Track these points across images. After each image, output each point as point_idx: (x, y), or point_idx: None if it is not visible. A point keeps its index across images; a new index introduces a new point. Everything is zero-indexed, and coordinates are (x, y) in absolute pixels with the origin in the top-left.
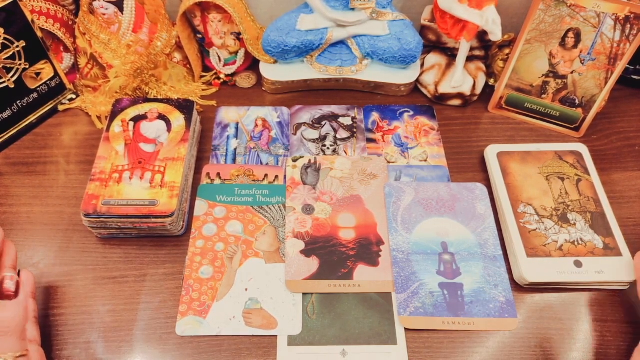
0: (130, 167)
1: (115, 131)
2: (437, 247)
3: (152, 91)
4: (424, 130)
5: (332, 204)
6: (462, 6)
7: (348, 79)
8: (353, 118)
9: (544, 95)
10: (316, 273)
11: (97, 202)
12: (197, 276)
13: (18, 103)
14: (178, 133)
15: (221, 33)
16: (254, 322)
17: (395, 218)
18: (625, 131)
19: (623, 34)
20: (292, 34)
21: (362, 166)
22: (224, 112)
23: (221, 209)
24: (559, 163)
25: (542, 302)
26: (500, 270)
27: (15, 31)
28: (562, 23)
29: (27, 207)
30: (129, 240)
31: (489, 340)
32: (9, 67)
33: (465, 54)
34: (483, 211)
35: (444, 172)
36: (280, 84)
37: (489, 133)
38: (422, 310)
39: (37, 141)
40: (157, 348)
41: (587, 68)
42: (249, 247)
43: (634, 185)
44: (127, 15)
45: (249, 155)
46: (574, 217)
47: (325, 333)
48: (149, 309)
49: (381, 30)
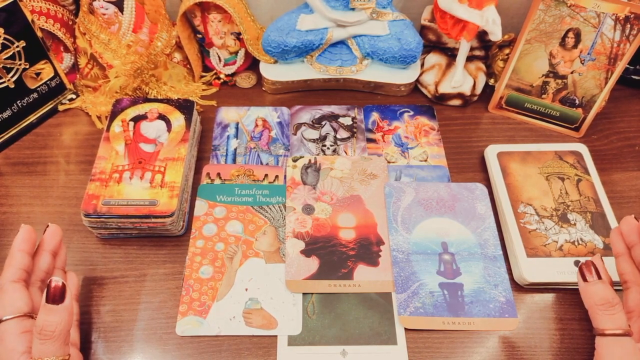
0: (131, 167)
1: (115, 131)
2: (437, 247)
3: (152, 91)
4: (424, 130)
5: (332, 204)
6: (462, 6)
7: (348, 79)
8: (353, 118)
9: (544, 95)
10: (316, 273)
11: (97, 202)
12: (197, 276)
13: (18, 103)
14: (178, 133)
15: (221, 33)
16: (254, 322)
17: (395, 218)
18: (625, 131)
19: (623, 34)
20: (292, 34)
21: (362, 166)
22: (224, 112)
23: (221, 209)
24: (559, 163)
25: (542, 302)
26: (500, 270)
27: (15, 31)
28: (562, 23)
29: (27, 207)
30: (129, 240)
31: (489, 340)
32: (9, 67)
33: (465, 54)
34: (483, 211)
35: (444, 172)
36: (280, 84)
37: (489, 133)
38: (422, 310)
39: (37, 141)
40: (157, 348)
41: (587, 68)
42: (249, 247)
43: (634, 185)
44: (127, 15)
45: (249, 155)
46: (574, 217)
47: (325, 333)
48: (149, 309)
49: (381, 30)
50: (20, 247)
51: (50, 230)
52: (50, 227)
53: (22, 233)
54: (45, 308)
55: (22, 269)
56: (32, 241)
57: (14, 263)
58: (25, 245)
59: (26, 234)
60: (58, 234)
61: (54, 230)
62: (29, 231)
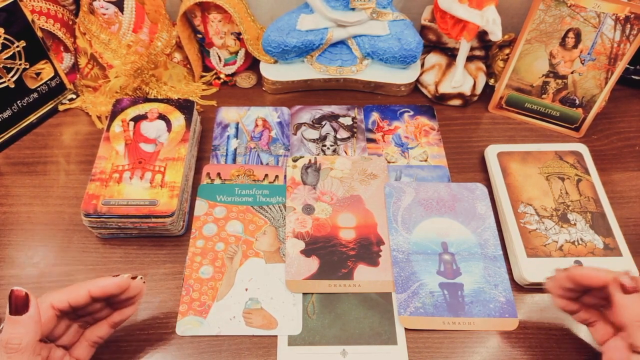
0: (131, 167)
1: (115, 131)
2: (437, 247)
3: (152, 91)
4: (424, 130)
5: (332, 204)
6: (462, 6)
7: (348, 79)
8: (353, 118)
9: (544, 95)
10: (316, 273)
11: (97, 202)
12: (197, 276)
13: (18, 103)
14: (178, 133)
15: (221, 33)
16: (254, 322)
17: (396, 218)
18: (626, 131)
19: (623, 34)
20: (292, 34)
21: (362, 166)
22: (224, 112)
23: (221, 209)
24: (559, 163)
25: (542, 302)
26: (501, 270)
27: (16, 31)
28: (562, 23)
29: (27, 207)
30: (129, 240)
31: (489, 340)
32: (9, 67)
33: (465, 54)
34: (483, 211)
35: (444, 172)
36: (281, 84)
37: (489, 133)
38: (422, 310)
39: (37, 141)
40: (157, 348)
41: (587, 68)
42: (249, 247)
43: (634, 185)
44: (127, 15)
45: (249, 155)
46: (574, 217)
47: (325, 333)
48: (149, 309)
49: (381, 30)
50: (91, 289)
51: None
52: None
53: (109, 283)
54: (10, 320)
55: (71, 304)
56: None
57: (71, 295)
58: (98, 292)
59: (109, 286)
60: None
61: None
62: (115, 286)
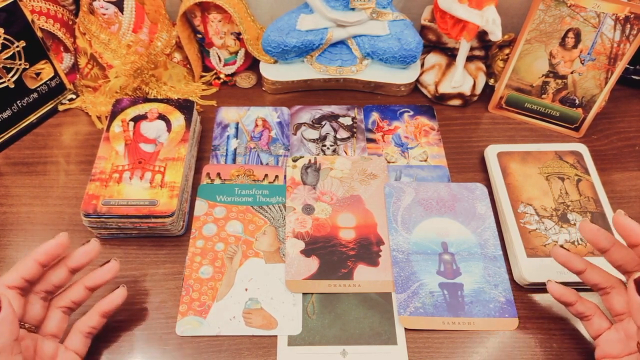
0: (130, 167)
1: (115, 131)
2: (437, 247)
3: (152, 91)
4: (424, 130)
5: (332, 204)
6: (462, 6)
7: (348, 79)
8: (353, 118)
9: (544, 95)
10: (316, 273)
11: (97, 202)
12: (197, 276)
13: (18, 103)
14: (178, 133)
15: (221, 33)
16: (254, 322)
17: (395, 218)
18: (625, 131)
19: (623, 34)
20: (292, 34)
21: (362, 166)
22: (224, 112)
23: (221, 209)
24: (559, 163)
25: (542, 302)
26: (500, 270)
27: (15, 31)
28: (562, 23)
29: (27, 207)
30: (129, 240)
31: (489, 340)
32: (9, 67)
33: (465, 54)
34: (483, 211)
35: (444, 172)
36: (280, 84)
37: (489, 133)
38: (422, 310)
39: (37, 141)
40: (157, 348)
41: (587, 68)
42: (249, 247)
43: (634, 185)
44: (127, 15)
45: (249, 155)
46: (574, 217)
47: (325, 333)
48: (149, 309)
49: (381, 30)
50: (35, 257)
51: (82, 248)
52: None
53: (49, 245)
54: None
55: (24, 278)
56: (53, 255)
57: (20, 270)
58: (43, 257)
59: (51, 248)
60: (87, 253)
61: (86, 250)
62: (56, 246)
